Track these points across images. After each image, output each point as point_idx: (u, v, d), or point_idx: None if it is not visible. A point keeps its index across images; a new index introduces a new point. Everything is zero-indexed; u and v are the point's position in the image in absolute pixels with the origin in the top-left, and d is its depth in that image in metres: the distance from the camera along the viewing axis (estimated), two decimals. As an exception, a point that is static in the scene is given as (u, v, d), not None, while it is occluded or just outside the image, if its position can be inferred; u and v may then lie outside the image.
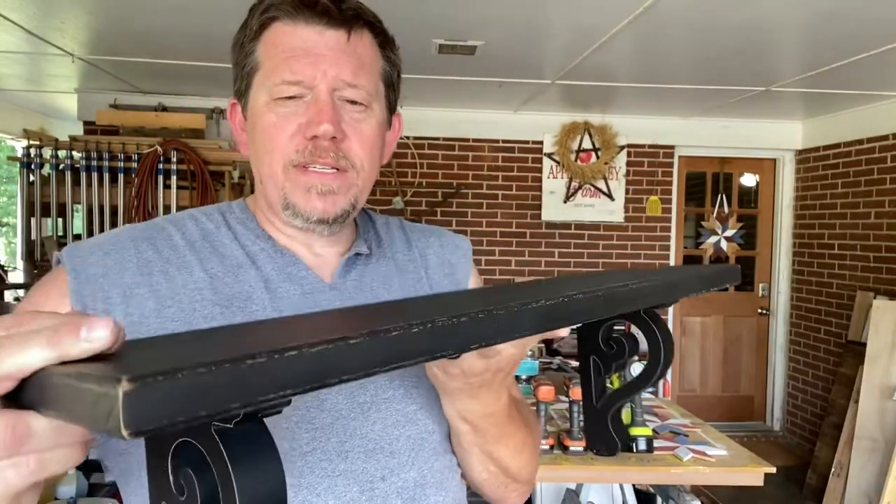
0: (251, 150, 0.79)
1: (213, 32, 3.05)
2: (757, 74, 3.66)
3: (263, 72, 0.76)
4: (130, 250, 0.74)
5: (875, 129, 4.33)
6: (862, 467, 3.67)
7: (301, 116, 0.74)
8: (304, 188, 0.75)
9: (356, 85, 0.75)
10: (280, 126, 0.74)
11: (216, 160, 3.99)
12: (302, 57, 0.73)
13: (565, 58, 3.40)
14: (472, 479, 0.84)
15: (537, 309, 0.47)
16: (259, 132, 0.76)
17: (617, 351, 0.73)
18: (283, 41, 0.74)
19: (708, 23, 2.80)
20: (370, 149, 0.78)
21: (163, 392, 0.28)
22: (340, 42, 0.74)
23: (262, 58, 0.76)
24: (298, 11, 0.74)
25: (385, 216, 0.95)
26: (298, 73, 0.73)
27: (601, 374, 0.75)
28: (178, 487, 0.36)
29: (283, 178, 0.75)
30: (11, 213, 9.79)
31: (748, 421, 5.36)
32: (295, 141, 0.74)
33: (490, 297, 0.56)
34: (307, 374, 0.33)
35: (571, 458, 2.20)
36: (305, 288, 0.79)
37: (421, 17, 2.77)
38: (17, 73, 4.03)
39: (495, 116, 4.83)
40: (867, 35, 2.89)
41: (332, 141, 0.74)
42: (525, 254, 4.92)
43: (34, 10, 2.80)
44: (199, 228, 0.79)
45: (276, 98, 0.74)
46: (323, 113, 0.73)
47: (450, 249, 0.93)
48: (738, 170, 5.31)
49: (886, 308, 3.78)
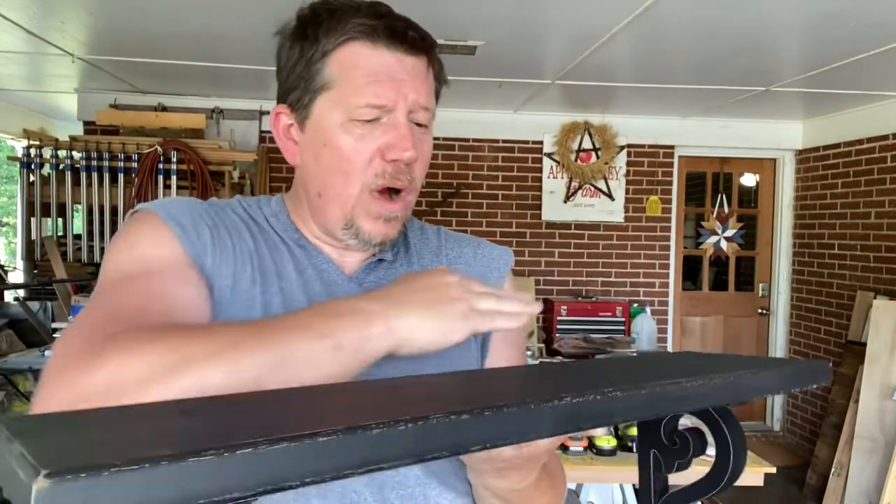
0: (313, 165, 0.79)
1: (213, 32, 3.05)
2: (757, 74, 3.65)
3: (341, 91, 0.76)
4: (201, 209, 0.79)
5: (875, 129, 4.33)
6: (862, 467, 3.67)
7: (379, 139, 0.76)
8: (375, 215, 0.78)
9: (428, 108, 0.79)
10: (358, 149, 0.76)
11: (216, 160, 3.99)
12: (385, 81, 0.75)
13: (565, 58, 3.40)
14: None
15: (560, 408, 0.40)
16: (332, 151, 0.77)
17: (681, 447, 0.64)
18: (363, 63, 0.75)
19: (708, 23, 2.80)
20: (425, 166, 0.82)
21: (84, 492, 0.25)
22: (420, 69, 0.78)
23: (338, 76, 0.76)
24: (381, 36, 0.75)
25: (423, 223, 0.95)
26: (382, 97, 0.74)
27: (661, 470, 0.66)
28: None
29: (356, 202, 0.77)
30: (11, 213, 9.79)
31: (748, 421, 5.36)
32: (374, 164, 0.76)
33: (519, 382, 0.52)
34: (262, 476, 0.29)
35: (571, 458, 2.20)
36: (325, 278, 0.82)
37: (421, 17, 2.76)
38: (17, 73, 4.03)
39: (495, 116, 4.83)
40: (867, 35, 2.89)
41: (408, 165, 0.77)
42: (525, 254, 4.92)
43: (34, 10, 2.80)
44: (245, 209, 0.84)
45: (356, 119, 0.75)
46: (406, 138, 0.75)
47: (483, 261, 0.92)
48: (738, 170, 5.31)
49: (886, 308, 3.78)
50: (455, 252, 0.91)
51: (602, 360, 0.71)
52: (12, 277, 4.57)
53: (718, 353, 0.75)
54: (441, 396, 0.44)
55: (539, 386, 0.48)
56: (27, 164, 3.94)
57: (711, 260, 5.27)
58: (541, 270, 4.94)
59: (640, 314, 4.86)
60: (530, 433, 0.39)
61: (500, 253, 0.94)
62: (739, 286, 5.35)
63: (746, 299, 5.35)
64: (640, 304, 5.00)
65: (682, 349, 5.29)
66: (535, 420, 0.39)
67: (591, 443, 2.25)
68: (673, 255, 5.14)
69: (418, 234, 0.91)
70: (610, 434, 2.26)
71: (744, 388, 0.54)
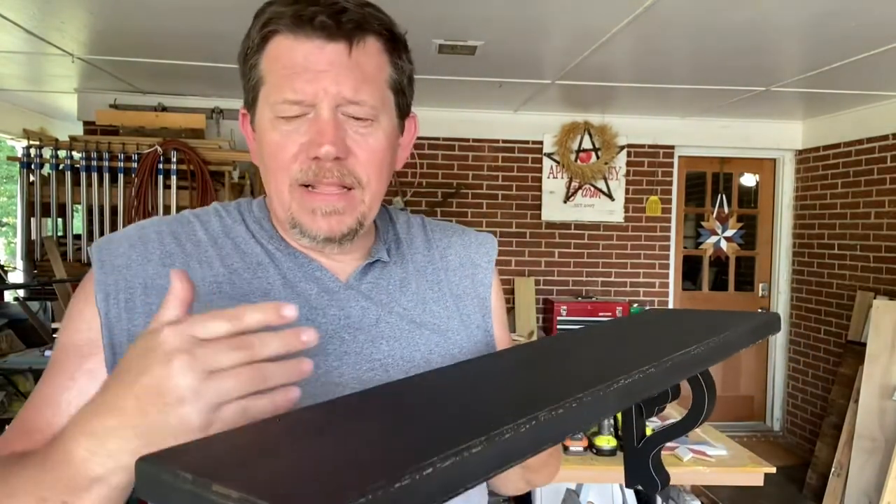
0: (261, 164, 0.79)
1: (213, 32, 3.05)
2: (757, 74, 3.65)
3: (267, 87, 0.74)
4: (154, 242, 0.77)
5: (875, 129, 4.33)
6: (862, 467, 3.67)
7: (303, 135, 0.72)
8: (309, 210, 0.74)
9: (358, 101, 0.72)
10: (283, 146, 0.73)
11: (216, 160, 3.99)
12: (302, 73, 0.71)
13: (565, 58, 3.40)
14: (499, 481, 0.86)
15: (619, 389, 0.47)
16: (265, 149, 0.75)
17: (660, 396, 0.73)
18: (283, 56, 0.72)
19: (708, 23, 2.80)
20: (378, 163, 0.76)
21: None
22: (341, 56, 0.72)
23: (265, 72, 0.74)
24: (298, 25, 0.71)
25: (407, 214, 0.94)
26: (299, 92, 0.71)
27: (643, 416, 0.75)
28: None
29: (290, 198, 0.75)
30: (11, 213, 9.79)
31: (748, 421, 5.36)
32: (299, 161, 0.73)
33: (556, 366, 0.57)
34: (439, 488, 0.32)
35: (571, 458, 2.20)
36: (321, 286, 0.79)
37: (421, 17, 2.77)
38: (17, 73, 4.03)
39: (495, 116, 4.83)
40: (867, 35, 2.89)
41: (336, 160, 0.72)
42: (525, 254, 4.92)
43: (34, 10, 2.80)
44: (221, 224, 0.81)
45: (279, 116, 0.73)
46: (324, 134, 0.71)
47: (473, 248, 0.92)
48: (737, 170, 5.31)
49: (886, 308, 3.78)
50: (444, 242, 0.91)
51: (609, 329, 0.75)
52: (12, 277, 4.57)
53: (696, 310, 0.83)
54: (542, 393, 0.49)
55: (594, 367, 0.53)
56: (27, 164, 3.94)
57: (711, 260, 5.27)
58: (541, 270, 4.95)
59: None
60: (601, 415, 0.46)
61: (484, 238, 0.95)
62: (739, 286, 5.35)
63: (746, 299, 5.35)
64: (640, 304, 5.00)
65: (682, 349, 5.28)
66: (604, 404, 0.45)
67: (591, 443, 2.25)
68: (673, 255, 5.14)
69: (405, 229, 0.91)
70: (610, 434, 2.26)
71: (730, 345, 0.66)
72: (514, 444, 0.37)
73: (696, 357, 0.58)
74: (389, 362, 0.78)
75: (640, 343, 0.65)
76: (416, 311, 0.82)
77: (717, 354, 0.63)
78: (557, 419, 0.40)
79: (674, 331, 0.71)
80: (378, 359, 0.77)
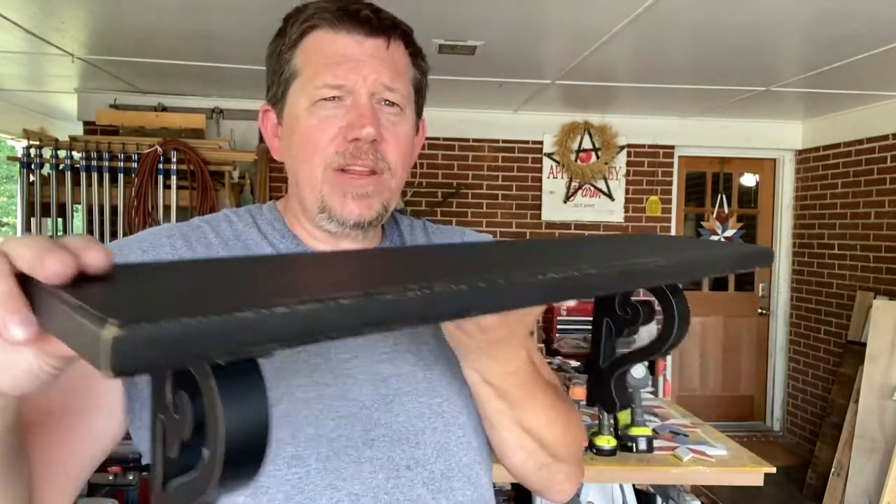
0: (287, 154, 0.81)
1: (213, 32, 3.05)
2: (757, 74, 3.65)
3: (304, 77, 0.78)
4: (166, 247, 0.78)
5: (875, 129, 4.33)
6: (862, 467, 3.67)
7: (341, 119, 0.76)
8: (341, 193, 0.77)
9: (394, 88, 0.78)
10: (321, 129, 0.77)
11: (216, 160, 3.98)
12: (344, 62, 0.76)
13: (565, 58, 3.40)
14: (513, 465, 0.81)
15: (544, 282, 0.45)
16: (298, 136, 0.78)
17: (632, 317, 0.73)
18: (324, 48, 0.77)
19: (708, 23, 2.80)
20: (405, 151, 0.81)
21: (148, 339, 0.28)
22: (380, 50, 0.78)
23: (302, 64, 0.78)
24: (340, 21, 0.77)
25: (410, 218, 0.96)
26: (341, 78, 0.76)
27: (612, 336, 0.75)
28: (174, 406, 0.37)
29: (322, 181, 0.77)
30: (11, 213, 9.79)
31: (748, 421, 5.36)
32: (335, 143, 0.76)
33: (501, 258, 0.55)
34: (295, 332, 0.33)
35: (571, 458, 2.20)
36: None
37: (421, 17, 2.77)
38: (17, 73, 4.03)
39: (495, 116, 4.83)
40: (867, 35, 2.89)
41: (372, 143, 0.76)
42: (525, 254, 4.91)
43: (34, 10, 2.80)
44: (232, 228, 0.83)
45: (318, 101, 0.76)
46: (365, 116, 0.75)
47: None
48: (737, 170, 5.31)
49: (886, 308, 3.78)
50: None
51: (576, 240, 0.76)
52: (12, 277, 4.57)
53: (678, 236, 0.82)
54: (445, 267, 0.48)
55: (525, 259, 0.51)
56: (27, 164, 3.94)
57: (711, 260, 5.27)
58: (541, 270, 4.94)
59: (640, 314, 4.86)
60: (517, 304, 0.45)
61: (483, 238, 0.97)
62: (739, 286, 5.36)
63: (746, 299, 5.35)
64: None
65: (682, 349, 5.29)
66: (522, 293, 0.44)
67: (591, 443, 2.25)
68: (673, 255, 5.13)
69: (409, 230, 0.93)
70: (610, 434, 2.26)
71: (702, 267, 0.63)
72: (397, 308, 0.36)
73: (654, 269, 0.55)
74: (397, 356, 0.80)
75: (607, 251, 0.62)
76: None
77: (682, 271, 0.60)
78: (455, 294, 0.39)
79: (651, 246, 0.68)
80: (386, 352, 0.80)
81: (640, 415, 2.28)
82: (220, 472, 0.34)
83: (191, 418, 0.36)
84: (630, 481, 2.51)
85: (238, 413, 0.34)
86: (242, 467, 0.35)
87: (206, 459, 0.35)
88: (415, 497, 0.75)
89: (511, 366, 0.71)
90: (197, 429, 0.36)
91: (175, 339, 0.29)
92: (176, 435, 0.37)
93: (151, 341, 0.28)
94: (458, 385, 0.79)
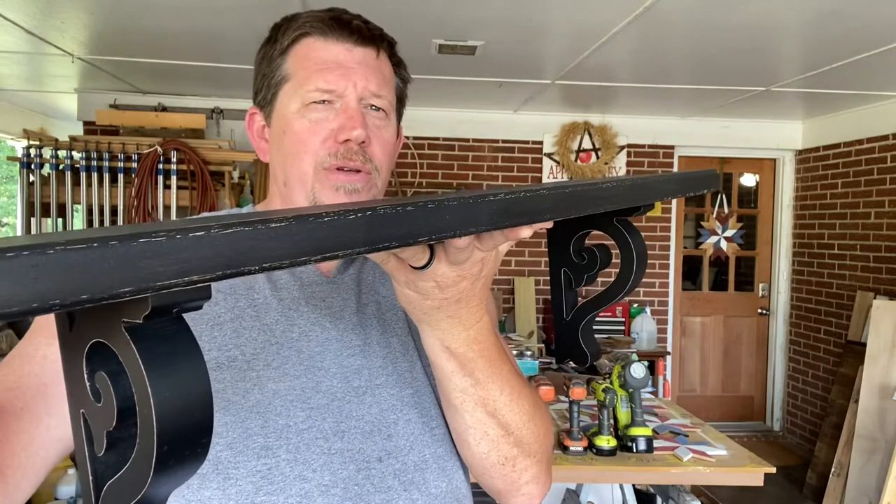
0: (277, 155, 0.84)
1: (213, 32, 3.05)
2: (757, 74, 3.65)
3: (295, 81, 0.81)
4: None
5: (875, 129, 4.33)
6: (862, 467, 3.67)
7: (332, 122, 0.80)
8: (333, 188, 0.80)
9: (381, 95, 0.82)
10: (312, 130, 0.80)
11: (216, 160, 3.98)
12: (335, 68, 0.80)
13: (565, 58, 3.40)
14: (474, 456, 0.77)
15: (495, 202, 0.43)
16: (289, 136, 0.81)
17: (588, 262, 0.71)
18: (315, 54, 0.81)
19: (708, 23, 2.80)
20: (389, 154, 0.85)
21: (28, 269, 0.24)
22: (369, 58, 0.82)
23: (293, 69, 0.81)
24: (331, 29, 0.81)
25: None
26: (332, 83, 0.79)
27: (572, 286, 0.73)
28: (95, 393, 0.32)
29: (314, 179, 0.80)
30: (11, 213, 9.79)
31: (748, 421, 5.36)
32: (327, 145, 0.80)
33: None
34: (216, 259, 0.28)
35: (571, 459, 2.20)
36: (304, 280, 0.84)
37: (421, 17, 2.77)
38: (17, 73, 4.03)
39: (495, 116, 4.83)
40: (867, 35, 2.89)
41: (361, 145, 0.80)
42: (525, 254, 4.92)
43: (34, 10, 2.80)
44: None
45: (309, 103, 0.80)
46: (355, 119, 0.79)
47: None
48: (737, 170, 5.31)
49: (886, 308, 3.78)
50: None
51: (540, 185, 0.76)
52: (12, 277, 4.57)
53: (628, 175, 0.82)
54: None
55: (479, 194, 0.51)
56: (27, 164, 3.94)
57: (711, 260, 5.27)
58: (541, 270, 4.94)
59: (640, 314, 4.87)
60: (469, 225, 0.42)
61: None
62: (739, 286, 5.36)
63: (746, 299, 5.35)
64: (640, 304, 5.00)
65: (682, 349, 5.30)
66: (473, 212, 0.42)
67: (591, 443, 2.25)
68: (673, 255, 5.14)
69: None
70: (610, 434, 2.26)
71: (650, 190, 0.63)
72: (337, 230, 0.34)
73: (604, 191, 0.54)
74: (368, 348, 0.82)
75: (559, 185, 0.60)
76: (394, 298, 0.85)
77: (631, 193, 0.59)
78: (400, 215, 0.37)
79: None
80: (358, 344, 0.82)
81: (640, 415, 2.28)
82: (155, 459, 0.29)
83: (114, 402, 0.31)
84: (630, 481, 2.51)
85: (168, 382, 0.29)
86: (182, 449, 0.30)
87: (138, 446, 0.30)
88: (385, 488, 0.76)
89: (473, 330, 0.68)
90: (125, 415, 0.31)
91: (65, 270, 0.25)
92: (101, 426, 0.32)
93: (34, 271, 0.24)
94: (431, 376, 0.80)
